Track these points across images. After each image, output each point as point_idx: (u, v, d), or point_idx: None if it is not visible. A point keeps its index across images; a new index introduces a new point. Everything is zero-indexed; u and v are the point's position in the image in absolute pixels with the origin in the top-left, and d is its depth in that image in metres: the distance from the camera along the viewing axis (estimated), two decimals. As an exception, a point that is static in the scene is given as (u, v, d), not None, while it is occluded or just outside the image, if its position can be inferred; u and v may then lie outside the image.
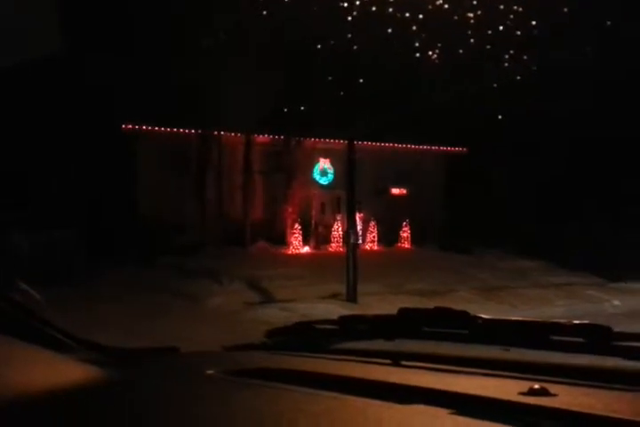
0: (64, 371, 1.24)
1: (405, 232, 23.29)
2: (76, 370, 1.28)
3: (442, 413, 1.02)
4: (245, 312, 12.94)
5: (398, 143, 24.73)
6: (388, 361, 1.54)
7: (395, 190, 25.25)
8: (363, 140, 19.63)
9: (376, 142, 23.55)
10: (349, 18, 12.49)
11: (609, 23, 12.86)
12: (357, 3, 12.10)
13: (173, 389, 1.27)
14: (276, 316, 11.93)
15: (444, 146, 25.96)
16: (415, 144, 25.11)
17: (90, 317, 10.50)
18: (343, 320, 1.79)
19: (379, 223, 22.97)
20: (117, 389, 1.24)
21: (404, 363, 1.52)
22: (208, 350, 2.05)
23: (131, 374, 1.44)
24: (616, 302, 14.16)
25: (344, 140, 15.33)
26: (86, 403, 1.12)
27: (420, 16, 11.87)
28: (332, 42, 13.81)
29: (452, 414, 1.02)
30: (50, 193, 19.04)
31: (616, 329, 1.36)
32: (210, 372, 1.39)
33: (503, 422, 0.98)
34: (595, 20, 13.19)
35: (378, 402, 1.09)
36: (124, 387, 1.27)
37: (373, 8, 11.96)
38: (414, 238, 23.51)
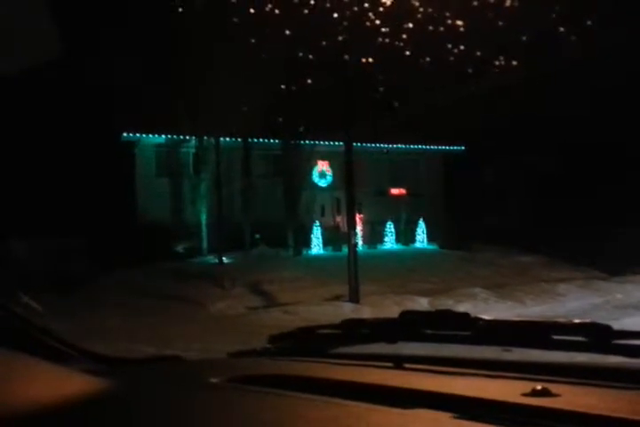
0: (66, 382, 1.24)
1: (406, 231, 23.31)
2: (77, 381, 1.27)
3: (444, 417, 1.02)
4: (248, 316, 12.92)
5: (396, 144, 24.75)
6: (390, 364, 1.54)
7: (394, 190, 25.27)
8: (360, 142, 19.66)
9: (374, 143, 23.59)
10: (339, 28, 12.65)
11: (589, 23, 12.94)
12: (347, 13, 12.21)
13: (176, 398, 1.27)
14: (279, 319, 11.92)
15: (441, 145, 25.98)
16: (413, 144, 25.13)
17: (92, 324, 10.50)
18: (345, 324, 1.79)
19: (378, 224, 22.99)
20: (120, 399, 1.24)
21: (406, 366, 1.52)
22: (211, 358, 2.05)
23: (133, 383, 1.44)
24: (619, 296, 14.16)
25: (342, 142, 15.34)
26: (88, 414, 1.12)
27: (410, 25, 11.96)
28: (326, 49, 13.91)
29: (455, 418, 1.02)
30: (50, 200, 19.05)
31: (622, 322, 1.37)
32: (213, 380, 1.39)
33: (506, 425, 0.98)
34: (582, 25, 13.30)
35: (380, 407, 1.09)
36: (127, 397, 1.27)
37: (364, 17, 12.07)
38: (415, 237, 23.54)
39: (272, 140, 22.49)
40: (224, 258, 18.97)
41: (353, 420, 1.02)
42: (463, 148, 26.12)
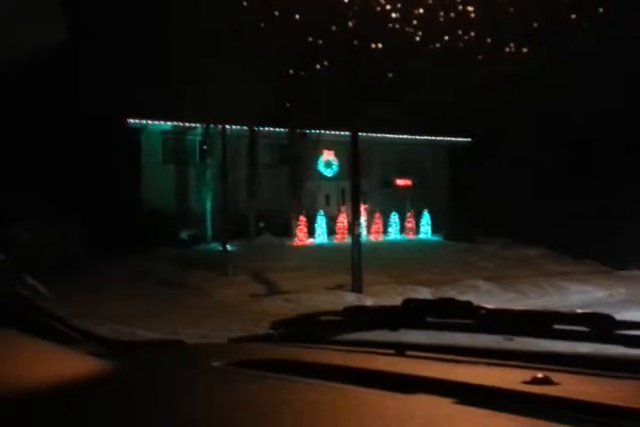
0: (69, 364, 1.25)
1: (410, 222, 23.28)
2: (81, 363, 1.28)
3: (445, 402, 1.03)
4: (250, 304, 12.97)
5: (402, 134, 24.67)
6: (392, 351, 1.54)
7: (399, 181, 25.22)
8: (366, 132, 19.61)
9: (380, 134, 23.52)
10: (350, 13, 12.60)
11: (601, 10, 12.83)
12: None
13: (177, 381, 1.27)
14: (282, 307, 11.97)
15: (447, 136, 25.90)
16: (419, 135, 25.05)
17: (96, 309, 10.55)
18: (347, 311, 1.80)
19: (383, 214, 22.97)
20: (122, 382, 1.25)
21: (407, 353, 1.53)
22: (213, 342, 2.06)
23: (135, 366, 1.44)
24: (622, 290, 14.16)
25: (348, 131, 15.30)
26: (90, 396, 1.13)
27: (421, 10, 11.89)
28: (335, 35, 13.84)
29: (455, 403, 1.02)
30: (53, 186, 19.06)
31: (624, 315, 1.37)
32: (215, 364, 1.40)
33: (506, 411, 0.98)
34: (595, 13, 13.18)
35: (381, 392, 1.09)
36: (129, 380, 1.27)
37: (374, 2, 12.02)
38: (419, 228, 23.53)
39: (278, 129, 22.45)
40: (228, 246, 19.01)
41: (353, 403, 1.03)
42: (470, 139, 26.05)
